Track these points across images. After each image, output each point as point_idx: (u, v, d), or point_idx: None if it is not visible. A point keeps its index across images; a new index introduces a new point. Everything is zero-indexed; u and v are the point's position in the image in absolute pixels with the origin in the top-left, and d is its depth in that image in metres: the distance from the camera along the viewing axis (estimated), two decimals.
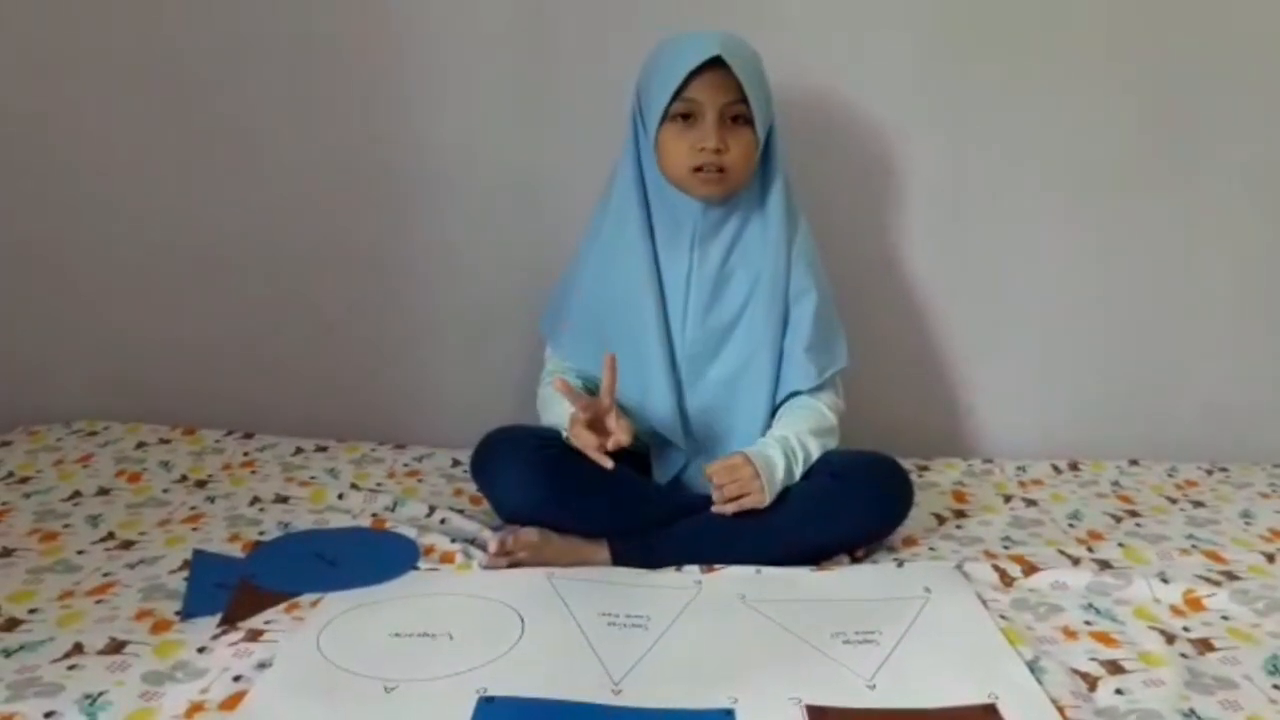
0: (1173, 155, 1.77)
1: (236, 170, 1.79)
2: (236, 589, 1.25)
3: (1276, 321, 1.84)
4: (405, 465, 1.69)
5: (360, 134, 1.77)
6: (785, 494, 1.38)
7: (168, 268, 1.84)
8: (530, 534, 1.36)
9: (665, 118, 1.39)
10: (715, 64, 1.35)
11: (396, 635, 1.15)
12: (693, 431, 1.46)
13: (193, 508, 1.49)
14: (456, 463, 1.68)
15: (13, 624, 1.15)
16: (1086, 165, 1.76)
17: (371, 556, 1.35)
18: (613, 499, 1.39)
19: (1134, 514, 1.58)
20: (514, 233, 1.78)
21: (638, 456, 1.47)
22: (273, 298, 1.84)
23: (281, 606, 1.21)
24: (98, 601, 1.20)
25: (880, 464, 1.44)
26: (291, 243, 1.82)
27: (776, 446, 1.39)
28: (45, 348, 1.87)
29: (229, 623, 1.17)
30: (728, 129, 1.38)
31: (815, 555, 1.38)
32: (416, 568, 1.32)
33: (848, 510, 1.39)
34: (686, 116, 1.38)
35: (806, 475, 1.40)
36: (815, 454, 1.41)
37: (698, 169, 1.39)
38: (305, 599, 1.22)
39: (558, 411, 1.40)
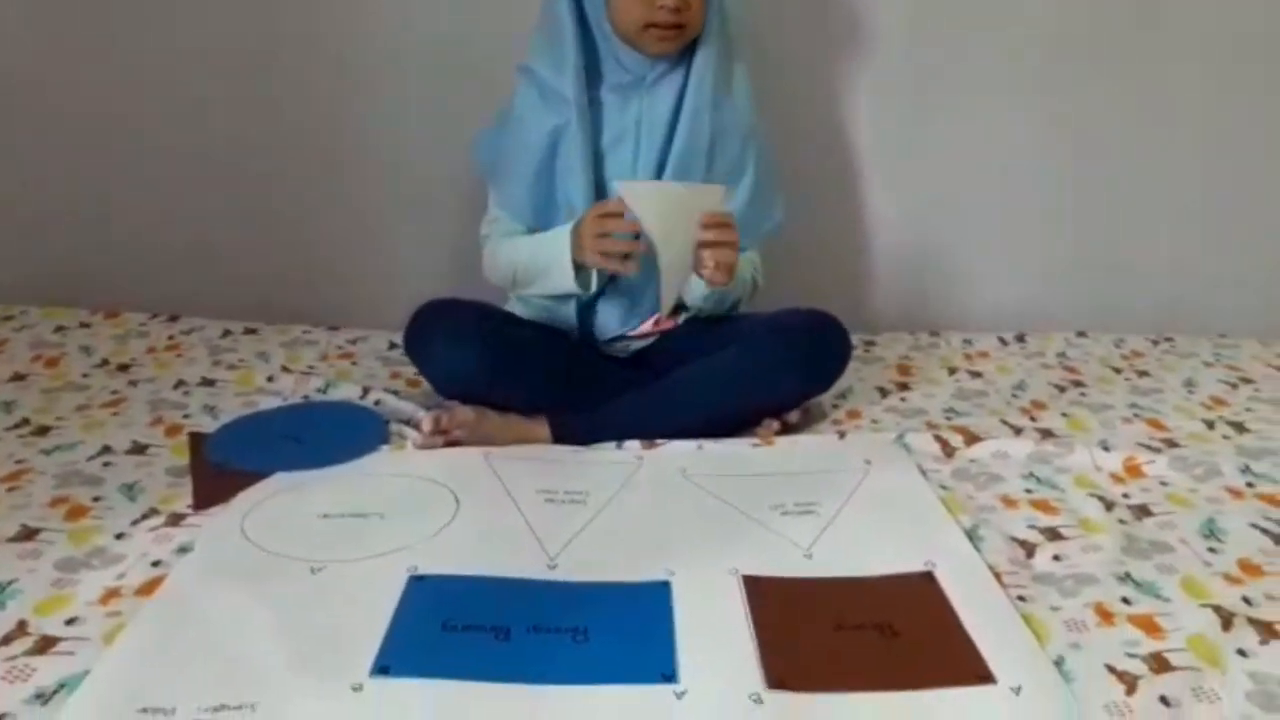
0: (1135, 27, 1.72)
1: (167, 54, 1.72)
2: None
3: (1231, 196, 1.81)
4: (339, 347, 1.64)
5: (294, 14, 1.69)
6: (725, 358, 1.35)
7: (99, 150, 1.75)
8: (466, 412, 1.33)
9: None
10: None
11: (325, 517, 1.12)
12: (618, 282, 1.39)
13: (114, 392, 1.43)
14: (393, 345, 1.63)
15: None
16: (1042, 36, 1.72)
17: (338, 434, 1.32)
18: (553, 372, 1.36)
19: (1079, 384, 1.57)
20: (454, 106, 1.68)
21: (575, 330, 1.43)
22: (204, 179, 1.77)
23: None
24: (10, 489, 1.16)
25: (816, 320, 1.40)
26: (224, 124, 1.75)
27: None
28: None
29: (199, 508, 1.13)
30: None
31: (756, 416, 1.37)
32: (386, 444, 1.29)
33: (786, 370, 1.36)
34: None
35: (740, 338, 1.37)
36: (739, 294, 1.42)
37: (651, 25, 1.30)
38: None
39: (529, 241, 1.38)
